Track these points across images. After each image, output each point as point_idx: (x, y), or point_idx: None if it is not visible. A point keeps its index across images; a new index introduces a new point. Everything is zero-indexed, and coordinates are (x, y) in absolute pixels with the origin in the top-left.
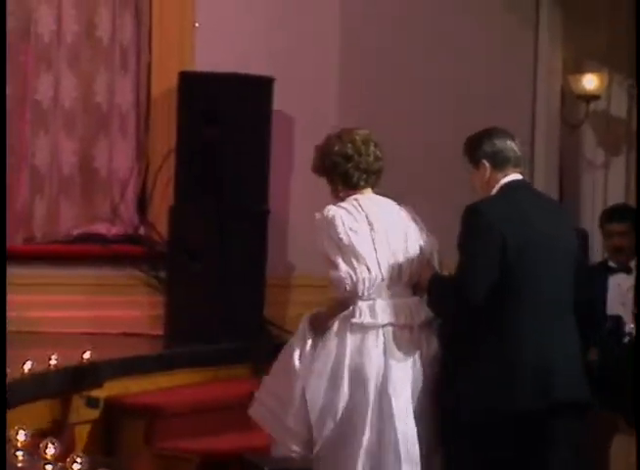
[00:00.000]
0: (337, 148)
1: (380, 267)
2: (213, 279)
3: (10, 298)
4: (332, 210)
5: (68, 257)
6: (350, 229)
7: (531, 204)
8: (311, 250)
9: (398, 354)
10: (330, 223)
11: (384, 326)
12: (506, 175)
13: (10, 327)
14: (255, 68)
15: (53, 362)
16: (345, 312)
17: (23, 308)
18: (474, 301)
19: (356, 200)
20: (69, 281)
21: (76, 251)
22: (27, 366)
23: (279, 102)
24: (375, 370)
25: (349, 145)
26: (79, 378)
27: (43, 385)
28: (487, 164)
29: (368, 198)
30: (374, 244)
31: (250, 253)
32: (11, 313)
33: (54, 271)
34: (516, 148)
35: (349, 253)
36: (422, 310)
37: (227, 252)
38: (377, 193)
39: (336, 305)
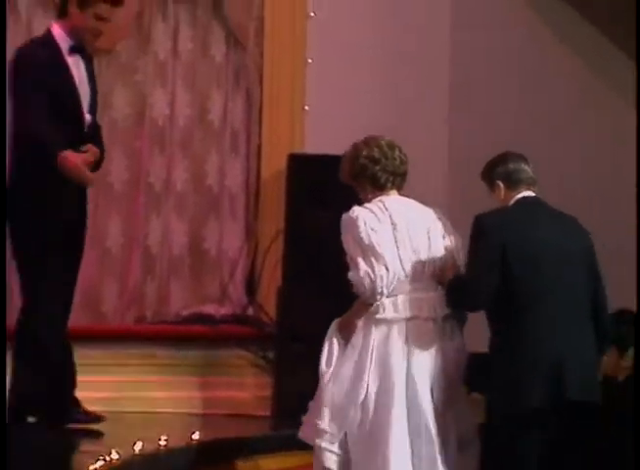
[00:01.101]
0: (365, 152)
1: (402, 264)
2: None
3: (119, 378)
4: (356, 210)
5: (176, 337)
6: (372, 229)
7: (540, 213)
8: None
9: (422, 345)
10: (353, 224)
11: (408, 319)
12: (519, 193)
13: (121, 407)
14: None
15: (162, 443)
16: (370, 310)
17: (133, 389)
18: (474, 305)
19: (381, 201)
20: (178, 361)
21: (185, 331)
22: (138, 447)
23: None
24: (399, 360)
25: (376, 149)
26: (189, 459)
27: (153, 466)
28: (502, 185)
29: (393, 199)
30: (396, 242)
31: None
32: (121, 393)
33: (163, 351)
34: (529, 170)
35: (369, 252)
36: (445, 304)
37: None
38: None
39: (359, 306)
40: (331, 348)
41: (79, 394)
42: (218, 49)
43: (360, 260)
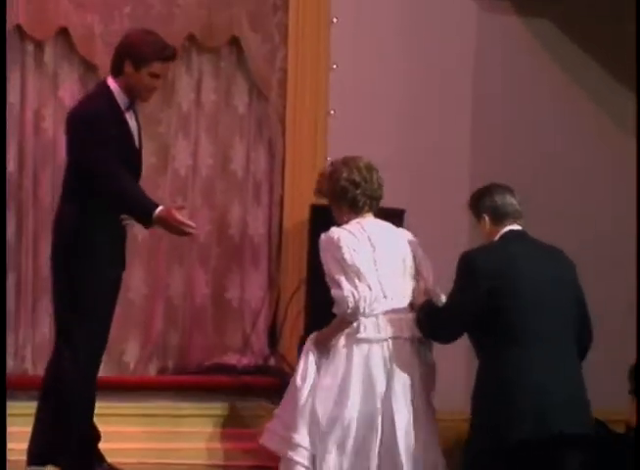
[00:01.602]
0: (345, 174)
1: (381, 286)
2: None
3: (141, 429)
4: (335, 231)
5: (198, 388)
6: (354, 250)
7: (527, 246)
8: None
9: (402, 365)
10: (334, 244)
11: (387, 339)
12: (505, 227)
13: (143, 459)
14: (386, 199)
15: None
16: (349, 329)
17: (156, 440)
18: (446, 337)
19: (359, 223)
20: (200, 412)
21: (207, 382)
22: None
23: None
24: (381, 380)
25: (356, 172)
26: None
27: None
28: (487, 219)
29: (371, 221)
30: (375, 264)
31: None
32: (144, 444)
33: (185, 402)
34: (515, 202)
35: (352, 272)
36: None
37: None
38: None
39: (338, 323)
40: (306, 362)
41: (101, 445)
42: (241, 100)
43: (343, 280)
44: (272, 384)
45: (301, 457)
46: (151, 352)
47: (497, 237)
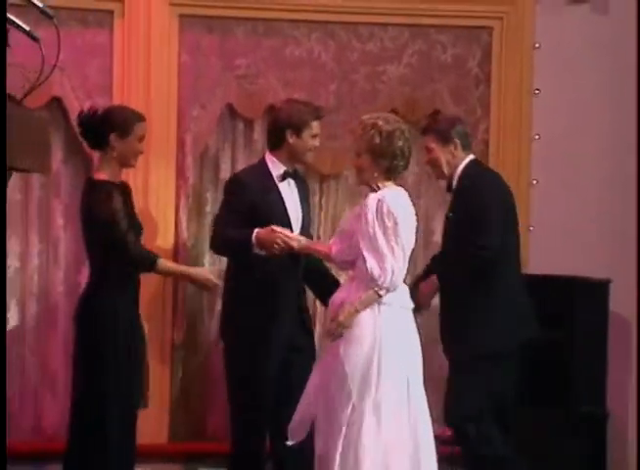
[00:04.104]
0: (400, 143)
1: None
2: None
3: None
4: (387, 195)
5: None
6: (403, 220)
7: None
8: None
9: (416, 335)
10: (387, 211)
11: (408, 309)
12: (468, 156)
13: None
14: (589, 269)
15: None
16: (383, 299)
17: None
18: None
19: (400, 189)
20: None
21: None
22: None
23: (615, 304)
24: (407, 349)
25: (407, 142)
26: None
27: None
28: (459, 144)
29: (399, 190)
30: (410, 235)
31: (587, 457)
32: None
33: None
34: None
35: (399, 245)
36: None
37: (564, 454)
38: None
39: (369, 300)
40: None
41: None
42: None
43: (388, 253)
44: None
45: None
46: None
47: (467, 162)
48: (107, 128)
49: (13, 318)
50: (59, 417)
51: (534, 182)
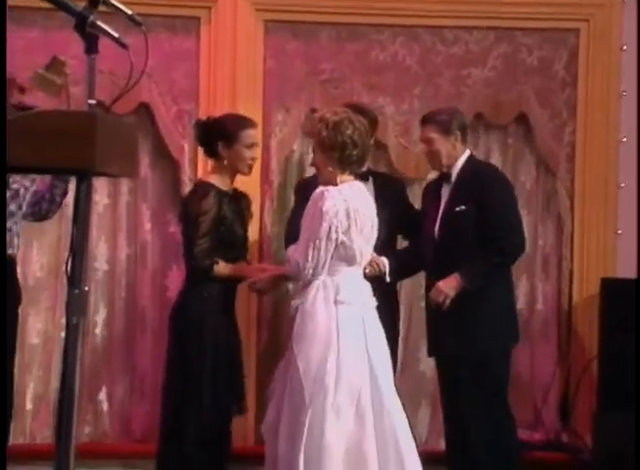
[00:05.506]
0: (349, 131)
1: (359, 251)
2: None
3: None
4: (332, 189)
5: None
6: (346, 216)
7: None
8: None
9: (375, 329)
10: (328, 207)
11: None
12: (466, 149)
13: None
14: None
15: None
16: (329, 290)
17: None
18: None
19: (353, 185)
20: None
21: None
22: None
23: None
24: (362, 343)
25: (358, 131)
26: None
27: None
28: (459, 136)
29: (353, 184)
30: (357, 229)
31: None
32: None
33: None
34: None
35: (327, 239)
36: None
37: None
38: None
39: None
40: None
41: None
42: (529, 175)
43: (311, 245)
44: (564, 460)
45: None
46: None
47: (469, 156)
48: (214, 137)
49: (102, 321)
50: (148, 419)
51: (622, 185)
